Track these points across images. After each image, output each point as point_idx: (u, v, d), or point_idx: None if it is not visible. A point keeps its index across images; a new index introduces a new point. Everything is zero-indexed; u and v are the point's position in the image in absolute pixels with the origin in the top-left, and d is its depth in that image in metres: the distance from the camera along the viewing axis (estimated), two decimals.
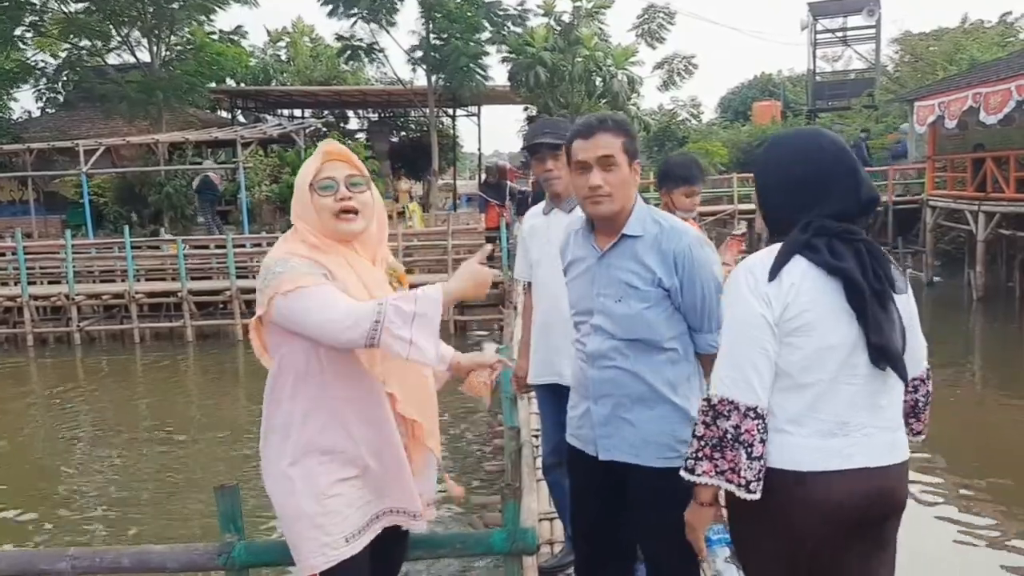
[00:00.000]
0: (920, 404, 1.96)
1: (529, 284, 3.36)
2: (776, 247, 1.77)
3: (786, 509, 1.72)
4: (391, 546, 2.09)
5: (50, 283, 15.08)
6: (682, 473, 1.83)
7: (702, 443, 1.78)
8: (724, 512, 1.90)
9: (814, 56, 28.86)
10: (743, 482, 1.73)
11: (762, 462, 1.72)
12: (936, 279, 16.44)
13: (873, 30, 28.04)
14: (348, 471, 1.93)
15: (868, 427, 1.75)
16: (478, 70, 19.34)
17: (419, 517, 2.01)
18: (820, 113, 27.82)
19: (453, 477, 2.26)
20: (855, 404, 1.75)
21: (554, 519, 3.76)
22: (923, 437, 2.00)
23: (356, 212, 1.93)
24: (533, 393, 3.62)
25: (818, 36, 28.57)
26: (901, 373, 1.76)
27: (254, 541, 2.45)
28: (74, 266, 14.25)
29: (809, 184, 1.78)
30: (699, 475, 1.79)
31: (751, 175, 2.04)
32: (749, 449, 1.72)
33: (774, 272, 1.73)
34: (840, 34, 29.06)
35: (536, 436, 4.19)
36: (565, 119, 2.79)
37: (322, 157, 1.96)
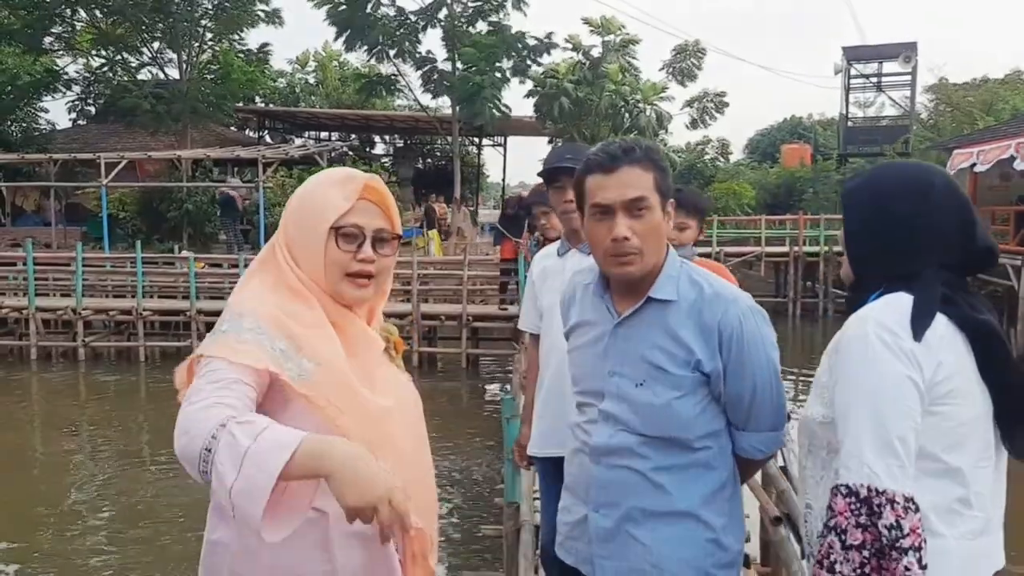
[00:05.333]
0: None
1: (536, 336, 2.91)
2: (899, 298, 1.45)
3: None
4: None
5: (62, 296, 14.87)
6: None
7: (864, 554, 1.32)
8: None
9: (847, 101, 28.43)
10: None
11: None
12: None
13: (908, 77, 27.59)
14: None
15: (997, 519, 1.48)
16: (495, 101, 19.16)
17: None
18: (851, 158, 27.33)
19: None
20: (991, 492, 1.46)
21: None
22: None
23: (371, 278, 1.47)
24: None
25: (852, 81, 28.17)
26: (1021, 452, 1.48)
27: None
28: (85, 279, 14.02)
29: (916, 228, 1.48)
30: None
31: (840, 215, 1.62)
32: (919, 554, 1.30)
33: (919, 329, 1.40)
34: (874, 80, 28.62)
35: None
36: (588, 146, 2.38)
37: (358, 191, 1.47)
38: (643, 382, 1.67)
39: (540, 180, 3.19)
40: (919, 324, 1.40)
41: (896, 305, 1.44)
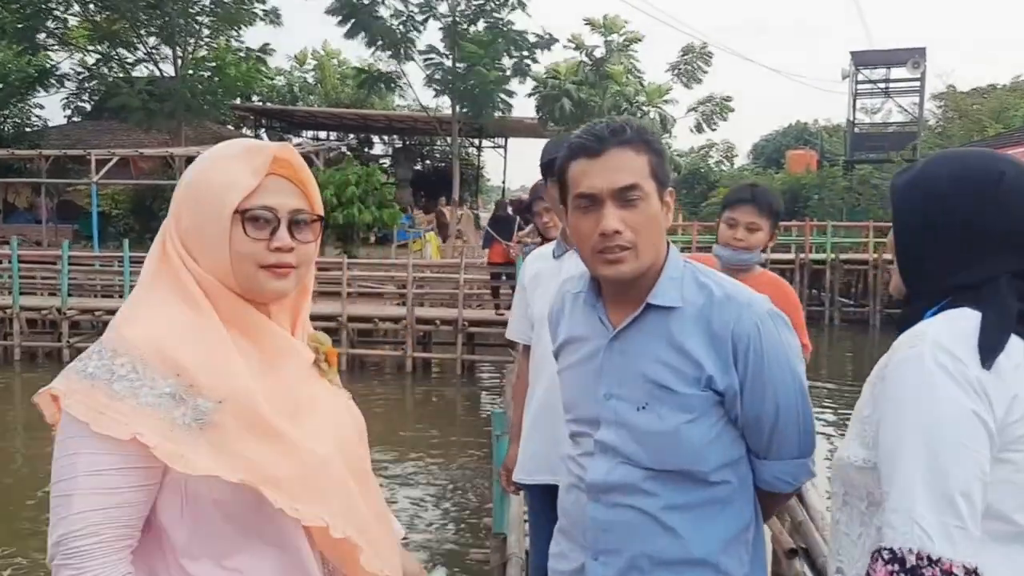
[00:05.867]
0: None
1: (527, 348, 2.55)
2: (962, 315, 1.17)
3: None
4: None
5: (50, 295, 14.53)
6: None
7: None
8: None
9: (854, 106, 28.06)
10: None
11: None
12: None
13: (917, 83, 27.23)
14: None
15: None
16: (501, 96, 18.88)
17: None
18: (858, 164, 26.96)
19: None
20: None
21: None
22: None
23: (292, 267, 1.22)
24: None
25: (859, 86, 27.80)
26: None
27: None
28: (74, 279, 13.66)
29: (981, 228, 1.20)
30: None
31: (890, 215, 1.23)
32: None
33: (989, 353, 1.11)
34: (882, 85, 28.26)
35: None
36: None
37: (267, 165, 1.20)
38: (645, 405, 1.41)
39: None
40: (989, 347, 1.12)
41: (959, 322, 1.16)
